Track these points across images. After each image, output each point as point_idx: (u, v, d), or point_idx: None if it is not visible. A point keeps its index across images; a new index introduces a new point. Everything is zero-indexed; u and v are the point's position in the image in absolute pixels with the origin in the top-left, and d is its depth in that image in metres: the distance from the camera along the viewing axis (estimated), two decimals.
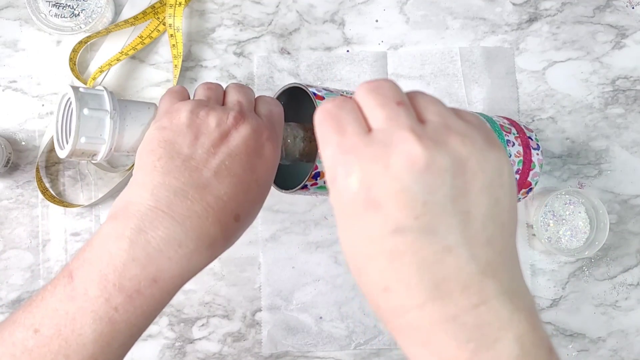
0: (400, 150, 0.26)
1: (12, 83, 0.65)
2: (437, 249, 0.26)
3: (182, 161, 0.36)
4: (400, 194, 0.26)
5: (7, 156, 0.62)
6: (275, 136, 0.40)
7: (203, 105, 0.39)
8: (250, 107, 0.41)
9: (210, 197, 0.36)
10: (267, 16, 0.66)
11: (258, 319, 0.63)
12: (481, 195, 0.27)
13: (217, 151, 0.37)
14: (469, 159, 0.26)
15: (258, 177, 0.39)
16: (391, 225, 0.26)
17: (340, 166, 0.27)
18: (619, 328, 0.63)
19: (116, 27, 0.63)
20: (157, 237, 0.35)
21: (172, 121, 0.38)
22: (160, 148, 0.37)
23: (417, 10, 0.66)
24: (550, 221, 0.62)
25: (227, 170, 0.37)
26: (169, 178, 0.36)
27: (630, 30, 0.66)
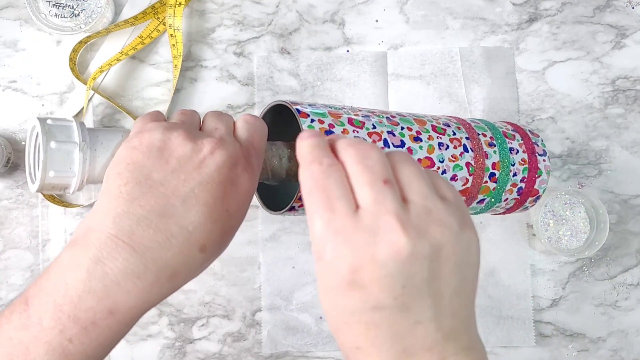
0: (386, 240, 0.29)
1: (12, 83, 0.65)
2: (410, 323, 0.30)
3: (149, 187, 0.35)
4: (383, 279, 0.29)
5: (7, 156, 0.62)
6: (252, 166, 0.38)
7: (177, 127, 0.37)
8: (229, 133, 0.39)
9: (175, 226, 0.35)
10: (267, 16, 0.66)
11: (258, 319, 0.63)
12: (452, 275, 0.30)
13: (187, 178, 0.35)
14: (446, 244, 0.30)
15: (229, 207, 0.36)
16: (372, 303, 0.30)
17: (329, 245, 0.30)
18: (619, 328, 0.63)
19: (116, 27, 0.63)
20: (115, 268, 0.34)
21: (142, 141, 0.36)
22: (127, 172, 0.35)
23: (417, 10, 0.66)
24: (550, 221, 0.62)
25: (196, 199, 0.35)
26: (134, 206, 0.34)
27: (630, 30, 0.66)
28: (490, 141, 0.50)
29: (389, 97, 0.65)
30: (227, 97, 0.65)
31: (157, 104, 0.65)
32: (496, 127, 0.53)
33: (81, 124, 0.39)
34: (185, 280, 0.36)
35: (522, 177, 0.51)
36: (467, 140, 0.48)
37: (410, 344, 0.30)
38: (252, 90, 0.65)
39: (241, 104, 0.65)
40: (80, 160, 0.37)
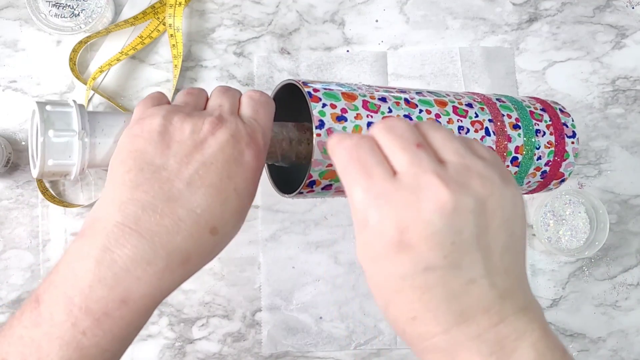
0: (429, 196, 0.28)
1: (12, 83, 0.65)
2: (463, 282, 0.29)
3: (152, 173, 0.34)
4: (431, 237, 0.28)
5: (7, 156, 0.62)
6: (257, 141, 0.37)
7: (178, 111, 0.36)
8: (232, 110, 0.38)
9: (182, 210, 0.34)
10: (267, 16, 0.66)
11: (258, 319, 0.63)
12: (500, 230, 0.29)
13: (190, 160, 0.35)
14: (489, 198, 0.29)
15: (237, 185, 0.36)
16: (422, 264, 0.29)
17: (372, 210, 0.29)
18: (619, 328, 0.63)
19: (116, 27, 0.63)
20: (124, 255, 0.33)
21: (143, 128, 0.35)
22: (130, 159, 0.35)
23: (417, 10, 0.66)
24: (550, 221, 0.62)
25: (201, 180, 0.34)
26: (138, 192, 0.34)
27: (630, 30, 0.66)
28: (515, 123, 0.48)
29: None
30: None
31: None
32: (524, 107, 0.50)
33: (81, 108, 0.38)
34: (198, 265, 0.36)
35: (547, 160, 0.49)
36: (489, 123, 0.46)
37: (467, 305, 0.29)
38: None
39: None
40: (79, 148, 0.37)
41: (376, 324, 0.63)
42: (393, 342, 0.63)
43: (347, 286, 0.63)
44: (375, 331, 0.63)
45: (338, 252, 0.63)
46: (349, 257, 0.63)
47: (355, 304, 0.63)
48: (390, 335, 0.63)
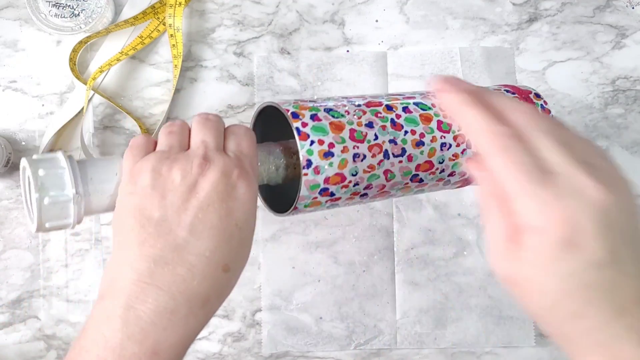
0: (592, 196, 0.30)
1: (12, 83, 0.65)
2: (621, 276, 0.31)
3: (154, 227, 0.35)
4: (599, 234, 0.30)
5: (7, 156, 0.62)
6: (247, 172, 0.38)
7: (164, 159, 0.37)
8: (217, 146, 0.38)
9: (191, 256, 0.35)
10: (267, 16, 0.66)
11: (258, 319, 0.63)
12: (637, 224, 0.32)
13: (187, 206, 0.35)
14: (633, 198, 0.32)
15: (237, 220, 0.37)
16: (591, 261, 0.30)
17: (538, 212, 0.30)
18: None
19: (116, 27, 0.63)
20: (147, 310, 0.34)
21: (136, 185, 0.36)
22: (130, 218, 0.36)
23: (417, 10, 0.66)
24: None
25: (203, 224, 0.35)
26: (145, 248, 0.35)
27: (630, 30, 0.66)
28: None
29: None
30: (227, 97, 0.65)
31: (157, 104, 0.65)
32: None
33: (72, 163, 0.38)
34: (218, 303, 0.37)
35: None
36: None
37: (623, 297, 0.30)
38: (252, 91, 0.65)
39: (241, 104, 0.65)
40: (74, 210, 0.37)
41: (376, 324, 0.63)
42: (393, 342, 0.63)
43: (347, 286, 0.63)
44: (375, 331, 0.63)
45: (338, 252, 0.63)
46: (349, 257, 0.64)
47: (355, 304, 0.63)
48: (390, 335, 0.63)
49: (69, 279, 0.63)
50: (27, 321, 0.63)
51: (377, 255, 0.64)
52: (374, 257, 0.64)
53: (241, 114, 0.65)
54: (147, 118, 0.65)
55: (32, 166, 0.37)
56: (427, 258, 0.64)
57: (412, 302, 0.63)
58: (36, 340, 0.63)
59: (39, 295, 0.63)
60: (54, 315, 0.63)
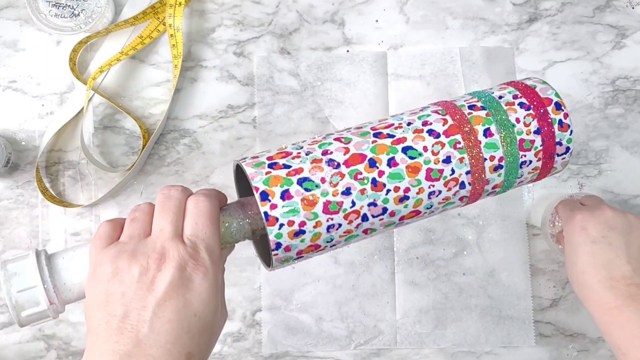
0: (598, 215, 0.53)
1: (12, 83, 0.65)
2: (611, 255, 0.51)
3: (117, 322, 0.36)
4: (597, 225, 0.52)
5: (7, 156, 0.62)
6: (202, 261, 0.39)
7: (123, 252, 0.38)
8: (174, 232, 0.39)
9: (153, 349, 0.36)
10: (267, 16, 0.66)
11: (258, 319, 0.63)
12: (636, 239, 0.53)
13: (146, 304, 0.37)
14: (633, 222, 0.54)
15: (195, 310, 0.38)
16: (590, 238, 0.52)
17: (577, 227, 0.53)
18: None
19: (116, 27, 0.63)
20: None
21: (97, 280, 0.38)
22: (97, 311, 0.37)
23: (417, 10, 0.66)
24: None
25: (161, 320, 0.36)
26: (110, 343, 0.36)
27: (630, 30, 0.66)
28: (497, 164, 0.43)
29: (389, 97, 0.65)
30: (227, 97, 0.65)
31: (157, 104, 0.65)
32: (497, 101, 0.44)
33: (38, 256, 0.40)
34: None
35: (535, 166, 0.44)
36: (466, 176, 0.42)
37: (612, 270, 0.50)
38: (252, 90, 0.65)
39: (241, 104, 0.65)
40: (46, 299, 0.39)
41: (376, 324, 0.63)
42: (393, 342, 0.63)
43: (347, 286, 0.63)
44: (375, 331, 0.63)
45: (338, 252, 0.63)
46: (349, 257, 0.63)
47: (355, 304, 0.63)
48: (390, 335, 0.63)
49: None
50: None
51: (377, 255, 0.64)
52: (374, 257, 0.64)
53: (241, 114, 0.65)
54: (147, 118, 0.65)
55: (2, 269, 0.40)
56: (427, 258, 0.64)
57: (412, 302, 0.63)
58: (36, 340, 0.63)
59: None
60: None
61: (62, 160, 0.64)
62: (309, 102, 0.65)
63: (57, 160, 0.64)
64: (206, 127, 0.65)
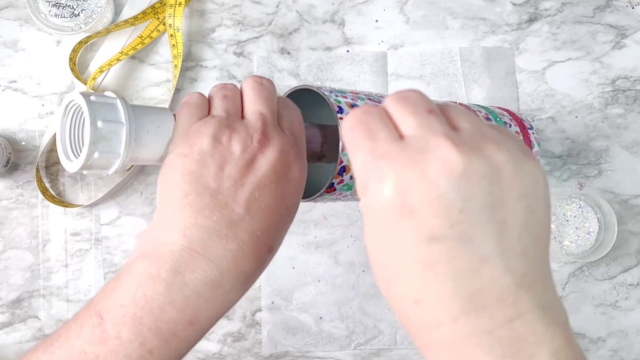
0: (436, 156, 0.25)
1: (12, 83, 0.65)
2: (473, 259, 0.25)
3: (210, 196, 0.34)
4: (436, 201, 0.25)
5: (7, 156, 0.62)
6: (300, 153, 0.38)
7: (224, 127, 0.36)
8: (273, 120, 0.37)
9: (244, 233, 0.35)
10: (267, 16, 0.66)
11: (258, 319, 0.63)
12: (518, 204, 0.26)
13: (245, 182, 0.35)
14: (506, 166, 0.26)
15: (288, 203, 0.36)
16: (426, 233, 0.25)
17: (372, 172, 0.26)
18: (619, 328, 0.63)
19: (116, 27, 0.63)
20: (195, 279, 0.34)
21: (193, 148, 0.35)
22: (185, 183, 0.34)
23: (417, 10, 0.66)
24: (556, 225, 0.62)
25: (258, 203, 0.35)
26: (200, 217, 0.34)
27: (630, 30, 0.66)
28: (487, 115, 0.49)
29: None
30: None
31: (157, 104, 0.65)
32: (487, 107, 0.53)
33: (125, 101, 0.36)
34: (255, 282, 0.37)
35: None
36: None
37: (477, 288, 0.25)
38: None
39: None
40: (126, 141, 0.35)
41: (376, 324, 0.63)
42: (393, 342, 0.63)
43: (347, 286, 0.63)
44: (375, 331, 0.63)
45: (338, 252, 0.63)
46: (348, 257, 0.63)
47: (355, 304, 0.63)
48: (390, 335, 0.63)
49: (69, 279, 0.63)
50: (27, 321, 0.63)
51: None
52: None
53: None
54: None
55: (85, 96, 0.35)
56: None
57: None
58: (36, 340, 0.63)
59: (38, 295, 0.63)
60: (54, 315, 0.63)
61: None
62: None
63: (57, 160, 0.64)
64: None
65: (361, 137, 0.27)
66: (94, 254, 0.63)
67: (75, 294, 0.63)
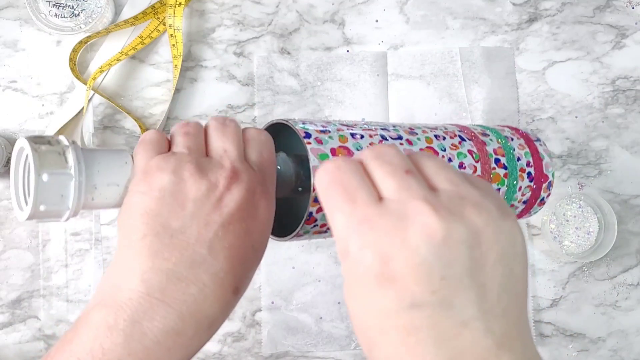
0: (416, 222, 0.25)
1: (12, 83, 0.65)
2: (454, 324, 0.25)
3: (170, 237, 0.32)
4: (418, 268, 0.25)
5: (7, 156, 0.62)
6: (267, 190, 0.36)
7: (186, 162, 0.33)
8: (239, 156, 0.35)
9: (206, 275, 0.32)
10: (267, 16, 0.66)
11: (258, 319, 0.63)
12: (496, 266, 0.26)
13: (208, 221, 0.33)
14: (485, 230, 0.26)
15: (254, 242, 0.34)
16: (407, 300, 0.25)
17: (353, 237, 0.26)
18: (619, 328, 0.63)
19: (116, 27, 0.63)
20: (154, 328, 0.32)
21: (152, 185, 0.33)
22: (143, 224, 0.32)
23: (417, 10, 0.66)
24: (556, 225, 0.62)
25: (221, 243, 0.33)
26: (158, 260, 0.32)
27: (630, 30, 0.66)
28: (483, 132, 0.50)
29: (389, 97, 0.65)
30: (227, 97, 0.65)
31: (157, 104, 0.65)
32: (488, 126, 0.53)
33: (75, 145, 0.34)
34: (221, 325, 0.35)
35: (527, 160, 0.50)
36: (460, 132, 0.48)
37: (458, 352, 0.25)
38: (252, 91, 0.65)
39: (241, 104, 0.65)
40: (75, 193, 0.33)
41: None
42: None
43: None
44: None
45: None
46: None
47: None
48: None
49: (69, 279, 0.63)
50: (27, 321, 0.63)
51: None
52: None
53: (241, 114, 0.65)
54: (147, 118, 0.65)
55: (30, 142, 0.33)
56: None
57: None
58: (36, 340, 0.63)
59: (39, 295, 0.63)
60: (53, 315, 0.63)
61: None
62: (309, 102, 0.65)
63: None
64: None
65: (339, 198, 0.27)
66: (94, 254, 0.63)
67: (75, 294, 0.63)
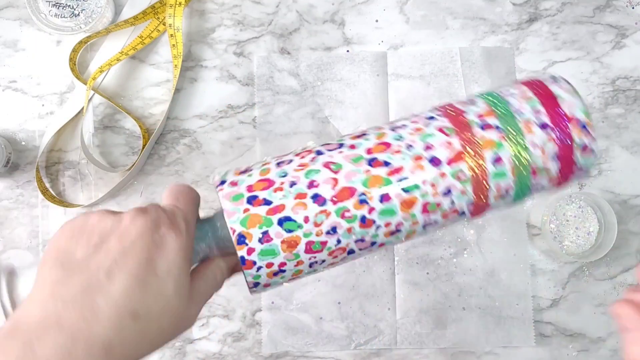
0: None
1: (12, 83, 0.65)
2: None
3: (72, 268, 0.34)
4: None
5: (7, 156, 0.62)
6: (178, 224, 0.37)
7: (98, 209, 0.38)
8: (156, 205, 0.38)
9: (101, 299, 0.34)
10: (267, 16, 0.66)
11: (258, 319, 0.63)
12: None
13: (110, 249, 0.35)
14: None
15: (158, 268, 0.36)
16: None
17: None
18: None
19: (116, 27, 0.63)
20: (47, 352, 0.32)
21: (65, 227, 0.36)
22: (52, 258, 0.35)
23: (417, 10, 0.66)
24: (556, 225, 0.62)
25: (119, 268, 0.34)
26: (58, 287, 0.34)
27: (630, 30, 0.66)
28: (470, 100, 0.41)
29: (389, 97, 0.65)
30: (227, 97, 0.65)
31: (157, 104, 0.65)
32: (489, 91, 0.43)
33: None
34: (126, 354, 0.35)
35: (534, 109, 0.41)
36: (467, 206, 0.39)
37: None
38: (252, 90, 0.65)
39: (241, 104, 0.65)
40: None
41: (376, 324, 0.63)
42: (393, 342, 0.63)
43: (347, 286, 0.63)
44: (375, 331, 0.63)
45: None
46: None
47: (355, 304, 0.63)
48: (390, 335, 0.63)
49: None
50: None
51: (377, 255, 0.64)
52: (374, 257, 0.64)
53: (241, 114, 0.65)
54: (147, 118, 0.65)
55: None
56: (427, 258, 0.64)
57: (412, 302, 0.63)
58: None
59: None
60: None
61: (62, 160, 0.64)
62: (309, 102, 0.65)
63: (57, 160, 0.64)
64: (206, 127, 0.65)
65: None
66: None
67: None
